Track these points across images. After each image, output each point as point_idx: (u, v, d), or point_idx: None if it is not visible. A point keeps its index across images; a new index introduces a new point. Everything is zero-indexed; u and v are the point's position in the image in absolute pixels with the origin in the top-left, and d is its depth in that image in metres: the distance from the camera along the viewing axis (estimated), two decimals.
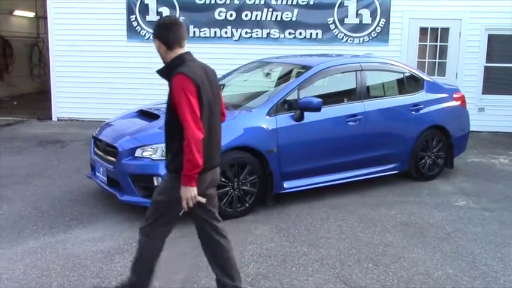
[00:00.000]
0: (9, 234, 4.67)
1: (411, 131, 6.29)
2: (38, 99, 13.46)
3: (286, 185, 5.43)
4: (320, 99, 5.32)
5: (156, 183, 4.79)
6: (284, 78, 6.26)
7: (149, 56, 10.25)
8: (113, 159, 5.04)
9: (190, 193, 3.00)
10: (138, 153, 4.90)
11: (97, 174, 5.37)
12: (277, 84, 6.19)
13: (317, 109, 5.33)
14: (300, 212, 5.35)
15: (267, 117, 5.27)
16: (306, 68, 5.82)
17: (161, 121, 5.03)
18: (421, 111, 6.38)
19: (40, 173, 6.67)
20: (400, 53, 9.99)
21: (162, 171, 4.69)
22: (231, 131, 5.04)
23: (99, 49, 10.46)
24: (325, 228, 4.89)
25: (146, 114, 5.60)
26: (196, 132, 2.95)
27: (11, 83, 14.53)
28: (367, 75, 6.08)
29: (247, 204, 5.18)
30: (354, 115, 5.80)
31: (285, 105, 5.44)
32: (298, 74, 5.95)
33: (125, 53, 10.44)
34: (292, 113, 5.40)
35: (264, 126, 5.21)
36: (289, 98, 5.48)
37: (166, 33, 3.07)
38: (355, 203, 5.65)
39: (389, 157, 6.17)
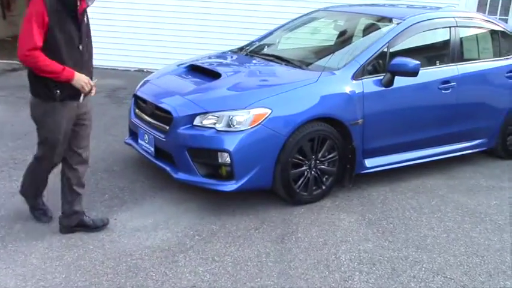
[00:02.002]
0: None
1: (504, 101, 5.33)
2: None
3: (368, 163, 4.49)
4: (418, 62, 4.31)
5: (220, 160, 3.84)
6: (362, 32, 5.20)
7: None
8: (164, 126, 4.05)
9: None
10: (197, 121, 3.92)
11: (140, 142, 4.39)
12: (355, 40, 5.14)
13: (413, 73, 4.34)
14: (383, 197, 4.44)
15: (353, 81, 4.26)
16: (394, 21, 4.76)
17: (225, 81, 4.07)
18: None
19: None
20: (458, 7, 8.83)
21: (230, 145, 3.74)
22: (312, 97, 4.06)
23: None
24: (425, 223, 3.99)
25: (201, 71, 4.56)
26: None
27: (14, 21, 13.22)
28: (461, 33, 5.05)
29: (323, 187, 4.26)
30: (447, 81, 4.80)
31: (370, 67, 4.41)
32: (380, 29, 4.92)
33: None
34: (380, 77, 4.39)
35: (349, 92, 4.22)
36: (376, 58, 4.44)
37: None
38: (443, 187, 4.74)
39: (477, 132, 5.23)
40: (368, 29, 5.07)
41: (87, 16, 3.22)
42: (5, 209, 3.83)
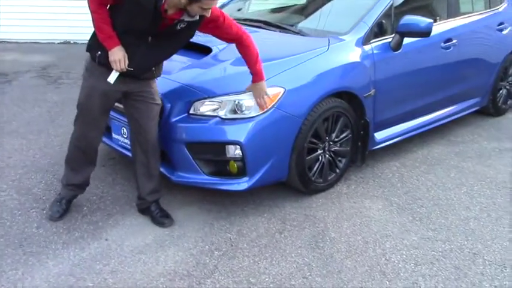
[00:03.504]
0: (8, 247, 2.91)
1: (496, 56, 5.01)
2: None
3: (377, 137, 3.99)
4: (430, 20, 3.80)
5: (229, 155, 3.17)
6: None
7: None
8: None
9: None
10: (193, 109, 3.20)
11: (115, 137, 3.60)
12: None
13: (426, 33, 3.83)
14: (398, 174, 3.99)
15: (364, 47, 3.69)
16: None
17: (218, 56, 3.36)
18: (504, 32, 5.06)
19: (1, 128, 4.71)
20: None
21: (241, 136, 3.08)
22: (326, 70, 3.45)
23: None
24: (456, 201, 3.60)
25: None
26: None
27: None
28: None
29: (337, 170, 3.72)
30: (450, 39, 4.36)
31: (375, 29, 3.85)
32: None
33: None
34: (388, 40, 3.85)
35: (361, 60, 3.66)
36: (382, 18, 3.88)
37: None
38: (451, 155, 4.38)
39: (473, 91, 4.90)
40: None
41: (188, 28, 2.81)
42: None
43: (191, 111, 3.21)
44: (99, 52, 2.80)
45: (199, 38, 3.77)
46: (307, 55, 3.41)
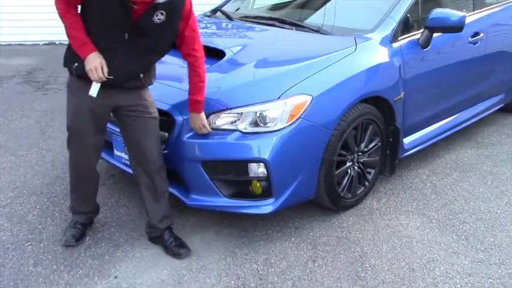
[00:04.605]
0: None
1: None
2: None
3: (406, 144, 3.63)
4: (463, 14, 3.44)
5: (252, 174, 2.78)
6: None
7: None
8: (161, 133, 2.87)
9: None
10: (209, 122, 2.80)
11: (117, 154, 3.18)
12: None
13: (458, 28, 3.46)
14: (431, 184, 3.63)
15: (393, 45, 3.32)
16: None
17: (234, 60, 2.96)
18: None
19: None
20: None
21: (265, 152, 2.68)
22: (355, 72, 3.07)
23: None
24: (500, 215, 3.27)
25: None
26: None
27: None
28: None
29: (366, 183, 3.35)
30: (477, 33, 4.00)
31: (402, 24, 3.48)
32: None
33: None
34: (416, 36, 3.48)
35: (391, 59, 3.28)
36: (408, 11, 3.51)
37: None
38: (481, 159, 4.04)
39: (497, 87, 4.56)
40: None
41: (169, 21, 2.41)
42: None
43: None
44: (76, 64, 2.44)
45: (211, 39, 3.39)
46: (335, 57, 3.02)
